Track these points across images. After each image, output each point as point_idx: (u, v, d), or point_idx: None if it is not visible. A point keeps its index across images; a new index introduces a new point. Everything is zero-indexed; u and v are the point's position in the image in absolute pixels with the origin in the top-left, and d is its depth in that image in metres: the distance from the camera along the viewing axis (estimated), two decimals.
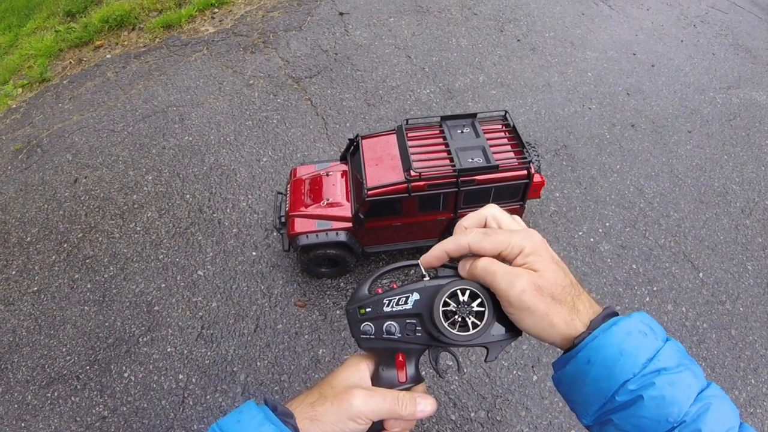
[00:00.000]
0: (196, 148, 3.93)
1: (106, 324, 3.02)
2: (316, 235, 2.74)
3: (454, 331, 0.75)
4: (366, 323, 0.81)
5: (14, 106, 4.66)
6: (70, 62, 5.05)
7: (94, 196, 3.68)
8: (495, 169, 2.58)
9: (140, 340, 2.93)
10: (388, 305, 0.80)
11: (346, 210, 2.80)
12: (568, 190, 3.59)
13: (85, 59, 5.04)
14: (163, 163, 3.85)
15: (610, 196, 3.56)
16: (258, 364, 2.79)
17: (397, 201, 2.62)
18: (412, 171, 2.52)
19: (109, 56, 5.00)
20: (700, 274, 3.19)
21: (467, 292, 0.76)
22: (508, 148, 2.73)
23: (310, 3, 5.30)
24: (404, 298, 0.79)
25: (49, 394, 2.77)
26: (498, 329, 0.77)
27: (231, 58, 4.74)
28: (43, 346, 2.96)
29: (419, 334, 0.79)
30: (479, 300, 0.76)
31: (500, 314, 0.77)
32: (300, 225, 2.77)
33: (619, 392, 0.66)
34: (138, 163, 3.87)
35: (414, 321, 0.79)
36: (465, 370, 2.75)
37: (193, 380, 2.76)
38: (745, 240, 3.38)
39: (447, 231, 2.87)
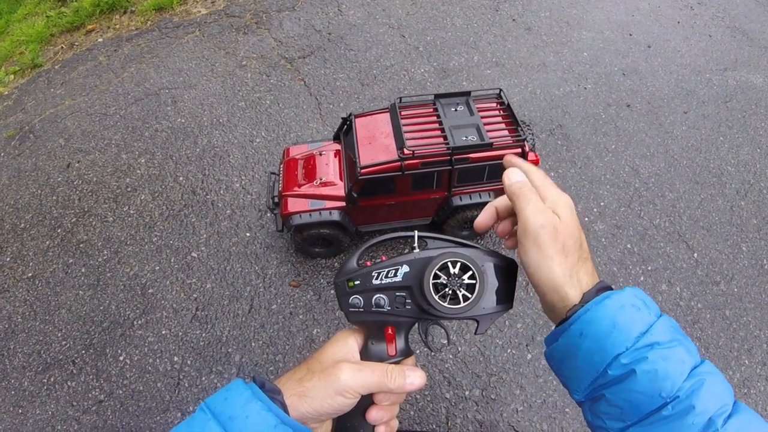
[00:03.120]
0: (188, 130, 3.90)
1: (101, 308, 3.01)
2: (310, 215, 2.72)
3: (445, 304, 0.74)
4: (355, 296, 0.80)
5: (6, 92, 4.61)
6: (62, 47, 4.99)
7: (87, 181, 3.65)
8: (489, 147, 2.56)
9: (135, 323, 2.93)
10: (377, 278, 0.79)
11: (340, 189, 2.79)
12: (563, 169, 3.58)
13: (76, 44, 4.98)
14: (155, 145, 3.82)
15: (605, 176, 3.55)
16: (253, 344, 2.80)
17: (391, 179, 2.61)
18: (405, 149, 2.50)
19: (100, 40, 4.94)
20: (695, 255, 3.19)
21: (458, 264, 0.75)
22: (503, 126, 2.71)
23: None
24: (394, 271, 0.78)
25: (45, 380, 2.77)
26: (488, 302, 0.77)
27: (223, 39, 4.69)
28: (38, 332, 2.95)
29: (409, 307, 0.78)
30: (470, 272, 0.75)
31: (492, 286, 0.77)
32: (293, 205, 2.76)
33: (612, 366, 0.66)
34: (131, 146, 3.84)
35: (404, 294, 0.78)
36: (455, 343, 2.75)
37: (188, 362, 2.76)
38: (739, 221, 3.38)
39: (441, 209, 2.86)
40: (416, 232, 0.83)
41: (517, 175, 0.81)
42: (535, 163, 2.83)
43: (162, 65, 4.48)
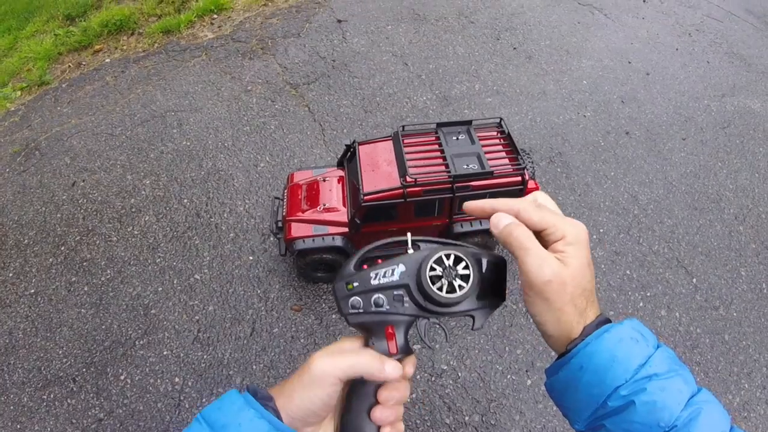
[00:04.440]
0: (194, 153, 3.95)
1: (103, 327, 3.03)
2: (313, 240, 2.76)
3: (442, 293, 0.76)
4: (354, 297, 0.81)
5: (13, 108, 4.68)
6: (69, 66, 5.07)
7: (92, 200, 3.69)
8: (490, 175, 2.60)
9: (137, 343, 2.94)
10: (374, 278, 0.81)
11: (343, 215, 2.82)
12: (563, 196, 3.62)
13: (84, 63, 5.07)
14: (161, 167, 3.87)
15: (605, 203, 3.59)
16: (254, 367, 2.81)
17: (393, 206, 2.65)
18: (408, 177, 2.55)
19: (108, 60, 5.03)
20: (694, 280, 3.22)
21: (451, 256, 0.78)
22: (503, 154, 2.76)
23: (308, 10, 5.34)
24: (390, 271, 0.80)
25: (45, 396, 2.78)
26: (482, 295, 0.79)
27: (229, 63, 4.77)
28: (39, 349, 2.96)
29: (407, 305, 0.80)
30: (464, 263, 0.78)
31: (485, 279, 0.79)
32: (297, 229, 2.80)
33: (612, 398, 0.67)
34: (136, 167, 3.89)
35: (401, 292, 0.80)
36: (455, 368, 2.76)
37: (189, 383, 2.77)
38: (738, 246, 3.41)
39: (442, 236, 2.90)
40: (409, 234, 0.86)
41: (504, 219, 0.74)
42: (535, 190, 2.87)
43: (168, 88, 4.55)
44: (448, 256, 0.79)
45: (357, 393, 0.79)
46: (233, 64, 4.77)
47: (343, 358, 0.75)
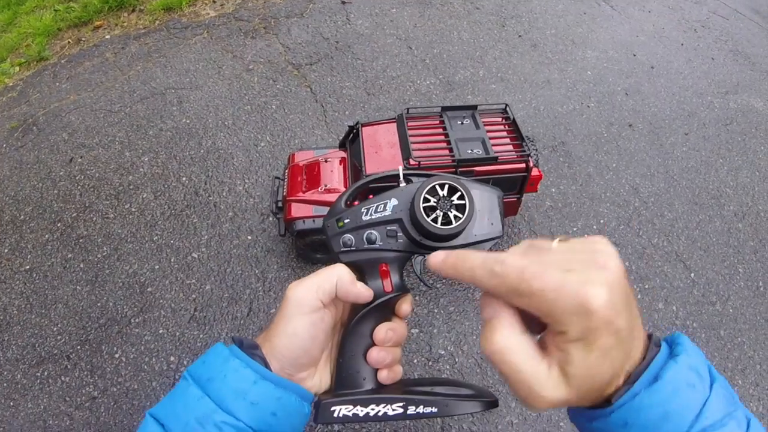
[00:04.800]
0: (193, 131, 3.91)
1: (98, 304, 3.00)
2: (313, 221, 2.73)
3: (437, 225, 0.73)
4: (346, 234, 0.78)
5: (11, 84, 4.61)
6: (69, 42, 5.00)
7: (90, 176, 3.65)
8: (494, 160, 2.58)
9: (132, 321, 2.92)
10: (366, 214, 0.77)
11: None
12: (564, 186, 3.61)
13: (83, 39, 4.99)
14: (159, 144, 3.83)
15: (606, 194, 3.59)
16: None
17: None
18: (411, 159, 2.52)
19: (108, 37, 4.96)
20: (692, 275, 3.22)
21: (446, 186, 0.75)
22: (508, 141, 2.74)
23: None
24: (383, 205, 0.77)
25: (38, 374, 2.75)
26: (479, 227, 0.76)
27: (231, 42, 4.71)
28: (33, 325, 2.94)
29: (401, 240, 0.77)
30: (459, 193, 0.74)
31: (478, 211, 0.76)
32: (297, 210, 2.77)
33: None
34: (134, 144, 3.85)
35: (395, 227, 0.77)
36: (453, 354, 2.76)
37: (185, 362, 2.75)
38: (737, 243, 3.41)
39: None
40: (400, 167, 0.83)
41: (497, 330, 0.53)
42: (539, 178, 2.86)
43: (169, 65, 4.50)
44: (442, 186, 0.75)
45: (352, 335, 0.76)
46: (235, 42, 4.71)
47: (317, 276, 0.71)
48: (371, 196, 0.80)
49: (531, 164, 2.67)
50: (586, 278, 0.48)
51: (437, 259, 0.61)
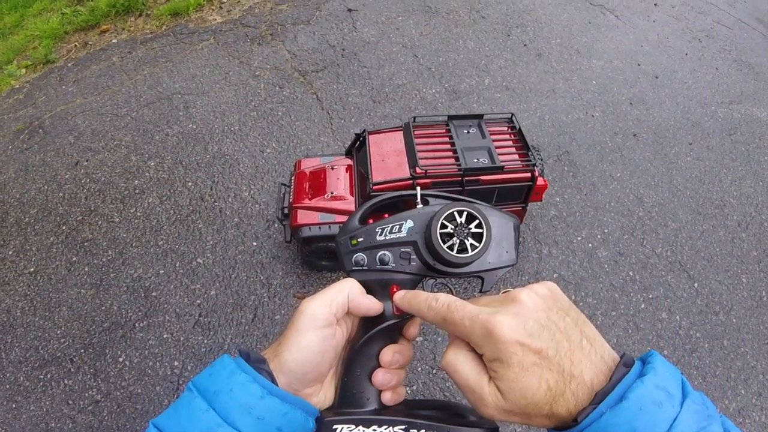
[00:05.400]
0: (199, 137, 3.93)
1: (103, 308, 3.01)
2: (319, 228, 2.74)
3: (453, 253, 0.71)
4: (358, 253, 0.76)
5: (17, 86, 4.64)
6: (76, 45, 5.03)
7: (95, 180, 3.67)
8: (500, 170, 2.60)
9: (136, 325, 2.92)
10: (381, 234, 0.75)
11: (350, 204, 2.81)
12: (569, 195, 3.62)
13: (90, 43, 5.02)
14: (165, 149, 3.84)
15: (610, 204, 3.59)
16: None
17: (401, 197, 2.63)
18: (417, 168, 2.53)
19: (115, 41, 4.98)
20: (695, 284, 3.22)
21: (464, 213, 0.73)
22: (513, 150, 2.75)
23: None
24: (398, 226, 0.75)
25: (41, 376, 2.76)
26: (493, 255, 0.74)
27: (238, 48, 4.73)
28: (37, 328, 2.95)
29: (414, 263, 0.75)
30: (477, 221, 0.73)
31: (495, 240, 0.74)
32: (303, 217, 2.78)
33: None
34: (141, 148, 3.86)
35: (408, 249, 0.75)
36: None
37: (189, 367, 2.76)
38: (740, 253, 3.41)
39: None
40: (419, 188, 0.80)
41: (451, 355, 0.62)
42: (544, 187, 2.87)
43: (175, 70, 4.52)
44: (460, 213, 0.73)
45: (358, 355, 0.75)
46: (242, 48, 4.73)
47: (329, 291, 0.71)
48: (386, 215, 0.78)
49: (536, 174, 2.68)
50: (496, 311, 0.58)
51: (399, 294, 0.72)
